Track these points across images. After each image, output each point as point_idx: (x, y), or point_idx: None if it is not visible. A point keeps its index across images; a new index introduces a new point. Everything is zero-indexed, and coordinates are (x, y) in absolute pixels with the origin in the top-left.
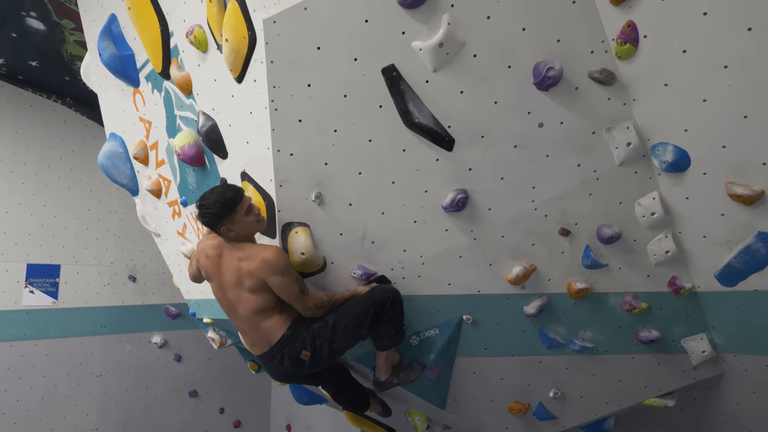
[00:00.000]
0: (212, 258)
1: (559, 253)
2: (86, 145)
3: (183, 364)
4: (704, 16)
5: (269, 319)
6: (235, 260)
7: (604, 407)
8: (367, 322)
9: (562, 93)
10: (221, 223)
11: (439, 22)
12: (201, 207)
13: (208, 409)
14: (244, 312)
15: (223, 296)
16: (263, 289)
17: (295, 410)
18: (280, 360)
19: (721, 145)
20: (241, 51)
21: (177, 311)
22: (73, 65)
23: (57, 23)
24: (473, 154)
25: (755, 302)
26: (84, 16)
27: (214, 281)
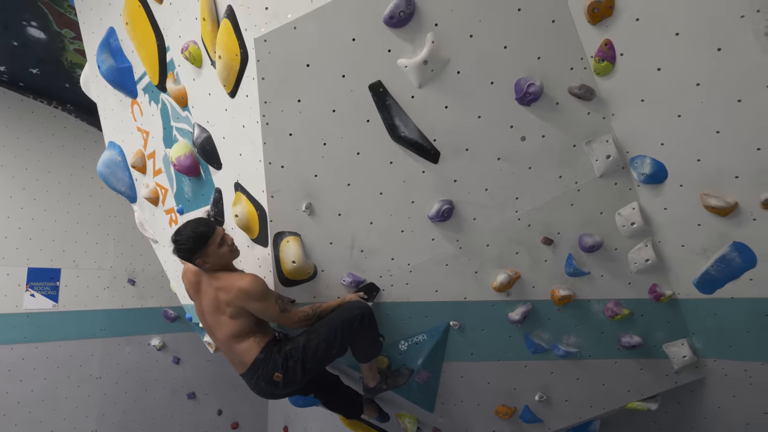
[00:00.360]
0: (192, 284)
1: (543, 261)
2: (86, 150)
3: (181, 366)
4: (676, 36)
5: (243, 342)
6: (212, 289)
7: (589, 410)
8: (337, 341)
9: (543, 108)
10: (195, 256)
11: (424, 41)
12: (176, 242)
13: (206, 410)
14: (220, 335)
15: (203, 319)
16: (242, 314)
17: (292, 412)
18: (255, 381)
19: (696, 158)
20: (233, 68)
21: (175, 314)
22: (72, 73)
23: (57, 32)
24: (458, 166)
25: (732, 309)
26: (83, 28)
27: (196, 303)
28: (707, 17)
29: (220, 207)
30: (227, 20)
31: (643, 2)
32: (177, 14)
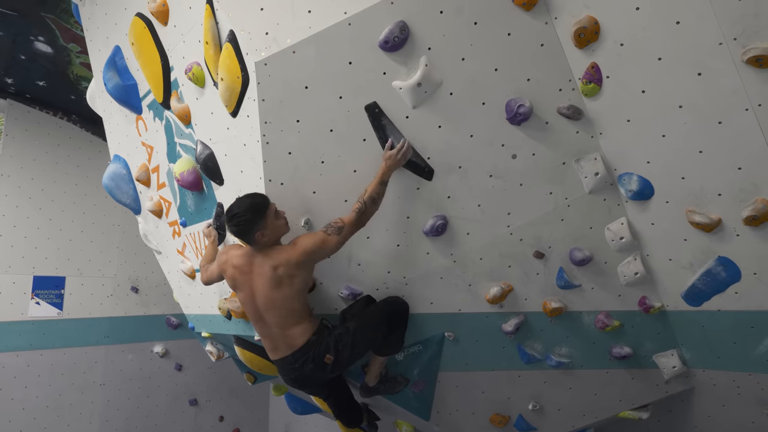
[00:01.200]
0: (241, 267)
1: (535, 274)
2: (91, 160)
3: (183, 373)
4: (659, 61)
5: (298, 325)
6: (269, 269)
7: (582, 419)
8: (383, 330)
9: (533, 127)
10: (255, 228)
11: (418, 64)
12: (234, 216)
13: (208, 417)
14: (275, 317)
15: (253, 304)
16: (304, 285)
17: (293, 419)
18: (302, 363)
19: (681, 176)
20: (235, 89)
21: (178, 321)
22: (78, 85)
23: (64, 47)
24: (451, 183)
25: (719, 321)
26: (90, 45)
27: (244, 290)
28: (688, 44)
29: (221, 221)
30: (229, 44)
31: (627, 28)
32: (181, 36)
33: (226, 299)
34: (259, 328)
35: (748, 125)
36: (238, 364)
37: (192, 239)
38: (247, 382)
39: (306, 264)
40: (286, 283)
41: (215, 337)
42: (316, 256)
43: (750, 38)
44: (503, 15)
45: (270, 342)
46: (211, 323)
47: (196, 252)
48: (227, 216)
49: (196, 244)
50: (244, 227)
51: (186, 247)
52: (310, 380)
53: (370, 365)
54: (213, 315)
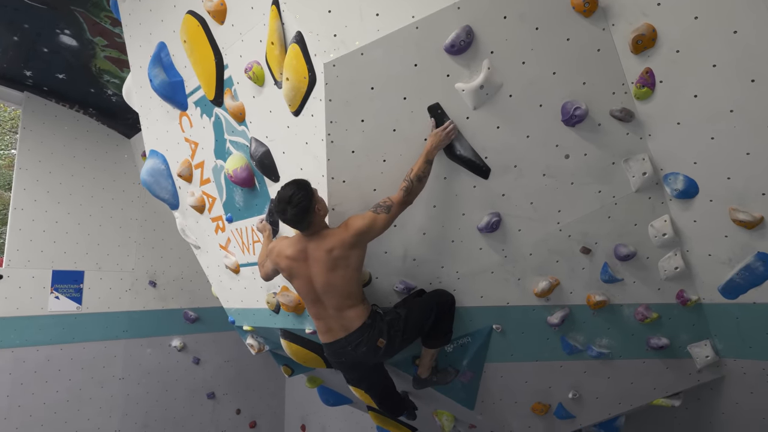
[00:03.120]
0: (295, 256)
1: (580, 269)
2: (108, 154)
3: (201, 366)
4: (714, 68)
5: (354, 308)
6: (323, 252)
7: (617, 407)
8: (432, 318)
9: (586, 128)
10: (312, 204)
11: (480, 67)
12: (291, 197)
13: (225, 410)
14: (333, 299)
15: (311, 288)
16: (359, 264)
17: (310, 411)
18: (355, 346)
19: (726, 176)
20: (300, 89)
21: (195, 315)
22: (100, 78)
23: (90, 40)
24: (506, 181)
25: (754, 313)
26: (129, 41)
27: (300, 278)
28: (743, 52)
29: (275, 217)
30: (296, 45)
31: (684, 36)
32: (239, 35)
33: (275, 294)
34: (315, 310)
35: None
36: (276, 357)
37: (238, 234)
38: (284, 374)
39: (358, 244)
40: (342, 265)
41: (257, 331)
42: (367, 236)
43: None
44: (563, 21)
45: (324, 324)
46: (255, 317)
47: (243, 247)
48: (282, 203)
49: (242, 240)
50: (305, 204)
51: (230, 242)
52: (360, 364)
53: (422, 357)
54: (258, 309)
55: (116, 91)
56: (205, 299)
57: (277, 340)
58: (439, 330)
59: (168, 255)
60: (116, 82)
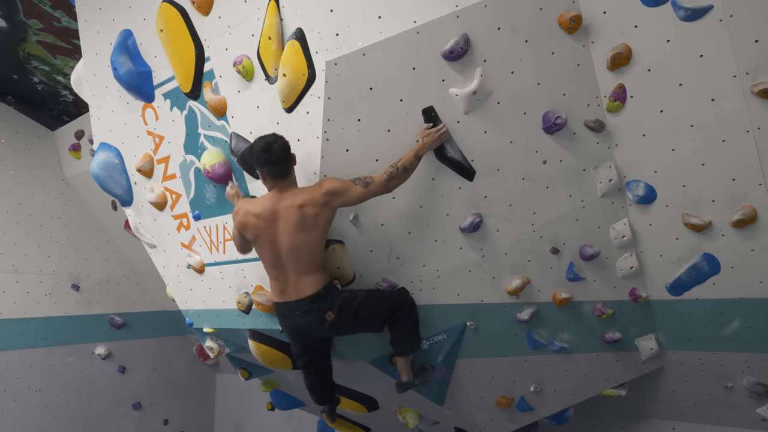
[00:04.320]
0: (264, 215)
1: (549, 268)
2: (29, 146)
3: (127, 375)
4: (680, 86)
5: (312, 275)
6: (295, 209)
7: (572, 398)
8: (384, 314)
9: (563, 137)
10: (289, 150)
11: (473, 74)
12: (273, 143)
13: (152, 421)
14: (294, 262)
15: (275, 248)
16: (327, 226)
17: (244, 418)
18: (303, 312)
19: (682, 184)
20: (298, 86)
21: (122, 321)
22: (27, 64)
23: (23, 22)
24: (489, 184)
25: (695, 308)
26: (84, 25)
27: (265, 240)
28: (707, 74)
29: None
30: (296, 41)
31: (656, 57)
32: (227, 28)
33: (247, 293)
34: (274, 272)
35: (747, 144)
36: (232, 361)
37: (206, 233)
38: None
39: (328, 204)
40: (310, 225)
41: (219, 333)
42: (338, 199)
43: (760, 73)
44: (550, 36)
45: (280, 285)
46: (220, 318)
47: (210, 246)
48: (266, 146)
49: (211, 238)
50: (287, 145)
51: (195, 240)
52: (304, 332)
53: (397, 365)
54: (224, 310)
55: (43, 79)
56: (132, 304)
57: (239, 342)
58: (404, 338)
59: (93, 256)
60: (45, 69)
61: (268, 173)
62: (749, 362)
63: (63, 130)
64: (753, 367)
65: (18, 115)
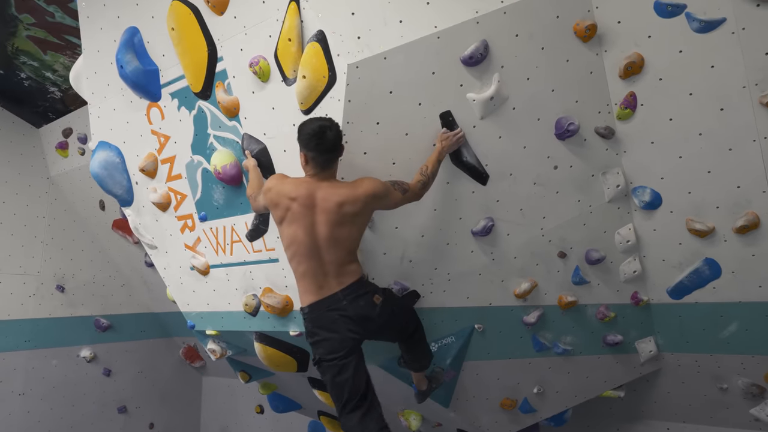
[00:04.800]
0: (302, 200)
1: (556, 271)
2: (13, 143)
3: (112, 378)
4: (690, 96)
5: (351, 264)
6: (334, 205)
7: (573, 399)
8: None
9: (574, 143)
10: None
11: (490, 79)
12: (330, 128)
13: (137, 425)
14: (335, 254)
15: (312, 240)
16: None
17: (230, 421)
18: (352, 300)
19: (688, 191)
20: (317, 88)
21: (107, 323)
22: (15, 59)
23: (14, 17)
24: (502, 188)
25: (695, 312)
26: (85, 21)
27: (300, 224)
28: (717, 84)
29: (266, 216)
30: (317, 43)
31: (667, 66)
32: (243, 28)
33: (255, 296)
34: (309, 264)
35: (753, 153)
36: (233, 363)
37: (213, 234)
38: (241, 380)
39: (370, 205)
40: (349, 222)
41: (222, 335)
42: (379, 202)
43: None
44: (565, 44)
45: (317, 281)
46: (225, 320)
47: (217, 247)
48: (317, 133)
49: (218, 239)
50: (339, 138)
51: (200, 241)
52: (353, 322)
53: (414, 378)
54: (229, 312)
55: (31, 75)
56: (118, 305)
57: (242, 344)
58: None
59: (79, 257)
60: (34, 65)
61: (314, 159)
62: (745, 364)
63: (49, 127)
64: (748, 369)
65: (2, 111)
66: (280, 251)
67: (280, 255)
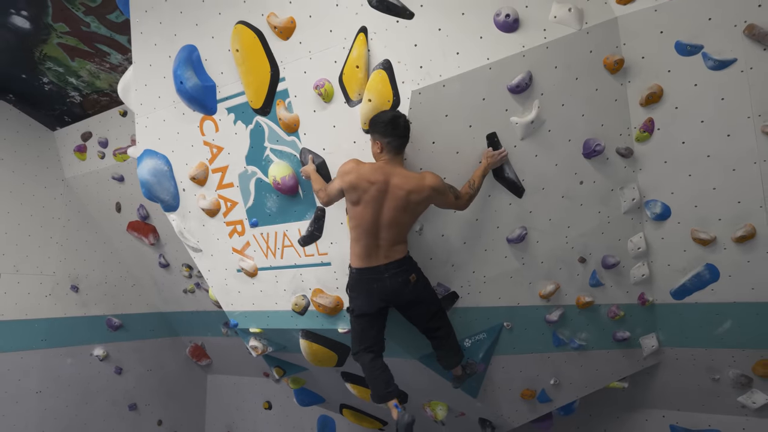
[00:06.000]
0: (379, 183)
1: (576, 275)
2: (30, 146)
3: (123, 377)
4: (701, 123)
5: (401, 244)
6: (403, 192)
7: (584, 390)
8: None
9: (598, 161)
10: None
11: (531, 105)
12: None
13: (146, 421)
14: (391, 234)
15: (377, 218)
16: (419, 212)
17: (237, 417)
18: (393, 275)
19: (694, 205)
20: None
21: (119, 322)
22: (41, 64)
23: (49, 25)
24: (534, 200)
25: (694, 311)
26: (139, 37)
27: (370, 205)
28: (726, 114)
29: (320, 223)
30: (383, 71)
31: (684, 97)
32: (308, 53)
33: (305, 296)
34: (366, 238)
35: (753, 174)
36: (268, 359)
37: (263, 239)
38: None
39: (431, 198)
40: (411, 209)
41: (265, 333)
42: (438, 197)
43: None
44: (595, 75)
45: (368, 251)
46: (270, 319)
47: (266, 251)
48: (393, 120)
49: (268, 244)
50: (408, 126)
51: (249, 245)
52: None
53: None
54: (275, 311)
55: (53, 80)
56: (129, 305)
57: (283, 341)
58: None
59: (92, 258)
60: (59, 71)
61: (389, 144)
62: (735, 357)
63: (65, 130)
64: (738, 361)
65: (19, 114)
66: (332, 255)
67: (333, 259)
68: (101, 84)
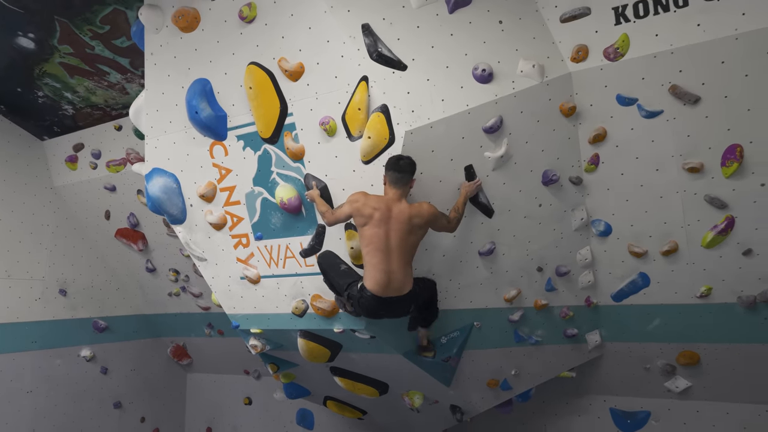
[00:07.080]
0: (382, 210)
1: (534, 282)
2: (20, 156)
3: (108, 376)
4: (636, 159)
5: (409, 267)
6: (406, 216)
7: (539, 379)
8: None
9: (554, 188)
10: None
11: (501, 143)
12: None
13: (130, 418)
14: (400, 255)
15: (387, 239)
16: (422, 235)
17: (217, 413)
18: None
19: (630, 224)
20: (379, 146)
21: (105, 324)
22: (38, 79)
23: (54, 46)
24: (502, 220)
25: (630, 311)
26: (153, 68)
27: (381, 227)
28: (655, 153)
29: (321, 238)
30: (381, 114)
31: (623, 138)
32: (314, 94)
33: (304, 301)
34: (386, 262)
35: (676, 200)
36: (264, 357)
37: (267, 251)
38: (270, 370)
39: (428, 223)
40: (414, 232)
41: (265, 333)
42: (435, 222)
43: (689, 156)
44: (553, 118)
45: (386, 277)
46: (270, 321)
47: (269, 261)
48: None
49: (271, 255)
50: (413, 166)
51: (253, 256)
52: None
53: (420, 334)
54: (276, 314)
55: (49, 94)
56: (114, 308)
57: (280, 341)
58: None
59: (79, 263)
60: (56, 86)
61: (393, 177)
62: (663, 349)
63: (55, 140)
64: (665, 353)
65: (10, 124)
66: None
67: None
68: (96, 99)
